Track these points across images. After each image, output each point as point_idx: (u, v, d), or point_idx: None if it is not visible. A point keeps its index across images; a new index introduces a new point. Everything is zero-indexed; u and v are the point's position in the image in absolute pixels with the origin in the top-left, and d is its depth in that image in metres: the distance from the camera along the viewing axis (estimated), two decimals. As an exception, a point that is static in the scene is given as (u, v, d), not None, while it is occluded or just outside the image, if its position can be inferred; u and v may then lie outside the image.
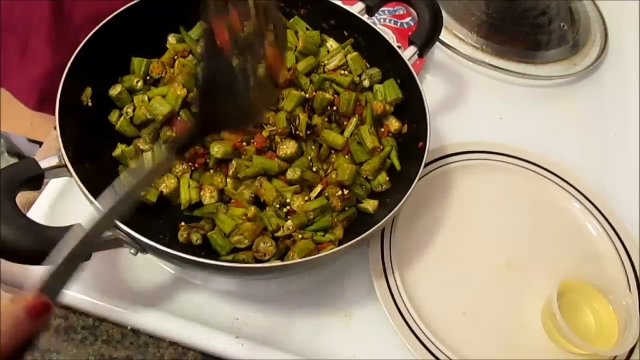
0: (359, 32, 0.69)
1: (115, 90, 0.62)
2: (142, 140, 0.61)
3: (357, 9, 0.68)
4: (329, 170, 0.63)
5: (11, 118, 1.11)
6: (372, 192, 0.63)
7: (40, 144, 1.10)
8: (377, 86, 0.67)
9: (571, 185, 0.72)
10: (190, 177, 0.61)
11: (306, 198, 0.60)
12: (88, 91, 0.60)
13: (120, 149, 0.60)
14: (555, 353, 0.61)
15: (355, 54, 0.68)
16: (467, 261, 0.65)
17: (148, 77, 0.65)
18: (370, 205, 0.61)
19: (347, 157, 0.63)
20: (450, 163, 0.72)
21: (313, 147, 0.63)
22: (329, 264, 0.62)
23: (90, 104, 0.60)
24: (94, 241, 0.39)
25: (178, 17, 0.67)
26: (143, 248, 0.50)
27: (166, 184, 0.60)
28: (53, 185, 0.65)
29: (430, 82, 0.84)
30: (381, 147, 0.63)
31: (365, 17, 0.68)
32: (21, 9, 0.93)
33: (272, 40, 0.48)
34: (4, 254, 0.44)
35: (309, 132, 0.62)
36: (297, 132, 0.61)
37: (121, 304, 0.58)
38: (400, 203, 0.55)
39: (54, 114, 0.54)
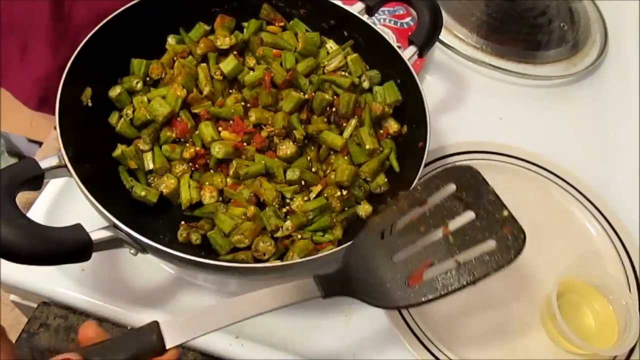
0: (358, 32, 0.69)
1: (115, 92, 0.62)
2: (142, 141, 0.61)
3: (357, 9, 0.68)
4: (328, 171, 0.63)
5: (11, 118, 1.11)
6: (371, 193, 0.63)
7: (40, 144, 1.11)
8: (376, 88, 0.67)
9: (571, 185, 0.72)
10: (190, 177, 0.61)
11: (305, 198, 0.60)
12: (88, 91, 0.60)
13: (120, 149, 0.60)
14: (555, 353, 0.61)
15: (355, 55, 0.68)
16: (467, 261, 0.65)
17: (148, 78, 0.65)
18: (363, 211, 0.61)
19: (346, 158, 0.63)
20: (450, 163, 0.72)
21: (312, 147, 0.63)
22: (329, 264, 0.62)
23: (90, 104, 0.60)
24: None
25: (178, 18, 0.67)
26: (143, 248, 0.50)
27: (166, 184, 0.60)
28: (53, 185, 0.65)
29: (430, 82, 0.84)
30: (380, 148, 0.63)
31: (365, 17, 0.68)
32: (21, 9, 0.93)
33: None
34: (4, 254, 0.44)
35: (306, 141, 0.63)
36: (295, 143, 0.61)
37: (121, 304, 0.58)
38: (400, 203, 0.55)
39: (54, 114, 0.54)
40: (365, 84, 0.67)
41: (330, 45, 0.70)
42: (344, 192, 0.61)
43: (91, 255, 0.48)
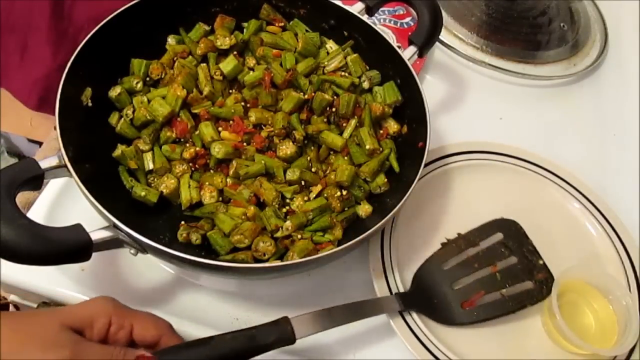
0: (358, 32, 0.69)
1: (114, 92, 0.62)
2: (142, 141, 0.61)
3: (357, 9, 0.68)
4: (328, 171, 0.63)
5: (11, 118, 1.11)
6: (371, 193, 0.63)
7: (40, 144, 1.11)
8: (376, 88, 0.67)
9: (571, 185, 0.72)
10: (190, 177, 0.61)
11: (305, 198, 0.60)
12: (88, 91, 0.60)
13: (120, 149, 0.60)
14: (555, 353, 0.61)
15: (355, 55, 0.68)
16: (467, 261, 0.66)
17: (148, 79, 0.65)
18: (363, 211, 0.61)
19: (346, 158, 0.63)
20: (450, 163, 0.72)
21: (312, 147, 0.63)
22: (329, 264, 0.62)
23: (90, 104, 0.60)
24: None
25: (178, 18, 0.67)
26: (143, 248, 0.50)
27: (166, 185, 0.60)
28: (53, 185, 0.65)
29: (430, 82, 0.84)
30: (380, 149, 0.63)
31: (365, 17, 0.68)
32: (21, 9, 0.94)
33: None
34: (4, 254, 0.44)
35: (306, 141, 0.63)
36: (295, 143, 0.61)
37: (121, 304, 0.58)
38: (400, 203, 0.55)
39: (54, 114, 0.54)
40: (365, 84, 0.67)
41: (330, 45, 0.70)
42: (344, 192, 0.61)
43: (91, 255, 0.48)
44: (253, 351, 0.49)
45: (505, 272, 0.62)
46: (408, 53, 0.66)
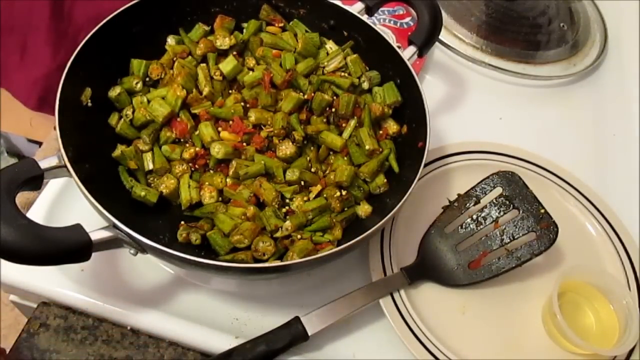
0: (358, 33, 0.69)
1: (114, 92, 0.62)
2: (142, 141, 0.61)
3: (356, 9, 0.68)
4: (328, 172, 0.63)
5: (11, 118, 1.11)
6: (371, 194, 0.63)
7: (40, 144, 1.11)
8: (376, 89, 0.67)
9: (571, 185, 0.72)
10: (190, 177, 0.61)
11: (305, 198, 0.60)
12: (88, 91, 0.60)
13: (120, 149, 0.60)
14: (555, 353, 0.61)
15: (354, 56, 0.68)
16: (467, 261, 0.66)
17: (147, 79, 0.65)
18: (363, 211, 0.61)
19: (345, 158, 0.63)
20: (450, 163, 0.72)
21: (312, 148, 0.63)
22: (329, 264, 0.62)
23: (90, 104, 0.60)
24: None
25: (177, 18, 0.67)
26: (143, 248, 0.50)
27: (166, 185, 0.60)
28: (53, 185, 0.65)
29: (430, 82, 0.85)
30: (380, 149, 0.63)
31: (365, 17, 0.68)
32: (21, 9, 0.94)
33: None
34: (4, 254, 0.44)
35: (305, 141, 0.63)
36: (295, 144, 0.61)
37: (121, 304, 0.58)
38: (400, 204, 0.55)
39: (53, 114, 0.54)
40: (365, 85, 0.67)
41: (330, 45, 0.70)
42: (344, 193, 0.61)
43: (91, 255, 0.48)
44: (273, 354, 0.54)
45: (507, 226, 0.62)
46: (408, 53, 0.66)
